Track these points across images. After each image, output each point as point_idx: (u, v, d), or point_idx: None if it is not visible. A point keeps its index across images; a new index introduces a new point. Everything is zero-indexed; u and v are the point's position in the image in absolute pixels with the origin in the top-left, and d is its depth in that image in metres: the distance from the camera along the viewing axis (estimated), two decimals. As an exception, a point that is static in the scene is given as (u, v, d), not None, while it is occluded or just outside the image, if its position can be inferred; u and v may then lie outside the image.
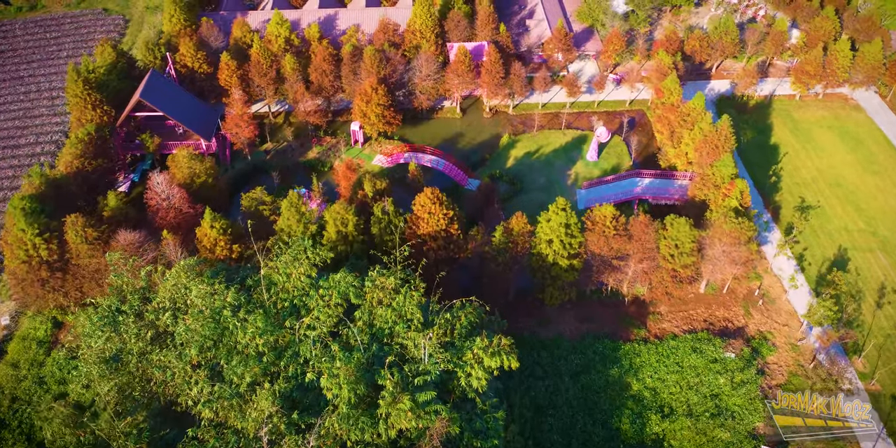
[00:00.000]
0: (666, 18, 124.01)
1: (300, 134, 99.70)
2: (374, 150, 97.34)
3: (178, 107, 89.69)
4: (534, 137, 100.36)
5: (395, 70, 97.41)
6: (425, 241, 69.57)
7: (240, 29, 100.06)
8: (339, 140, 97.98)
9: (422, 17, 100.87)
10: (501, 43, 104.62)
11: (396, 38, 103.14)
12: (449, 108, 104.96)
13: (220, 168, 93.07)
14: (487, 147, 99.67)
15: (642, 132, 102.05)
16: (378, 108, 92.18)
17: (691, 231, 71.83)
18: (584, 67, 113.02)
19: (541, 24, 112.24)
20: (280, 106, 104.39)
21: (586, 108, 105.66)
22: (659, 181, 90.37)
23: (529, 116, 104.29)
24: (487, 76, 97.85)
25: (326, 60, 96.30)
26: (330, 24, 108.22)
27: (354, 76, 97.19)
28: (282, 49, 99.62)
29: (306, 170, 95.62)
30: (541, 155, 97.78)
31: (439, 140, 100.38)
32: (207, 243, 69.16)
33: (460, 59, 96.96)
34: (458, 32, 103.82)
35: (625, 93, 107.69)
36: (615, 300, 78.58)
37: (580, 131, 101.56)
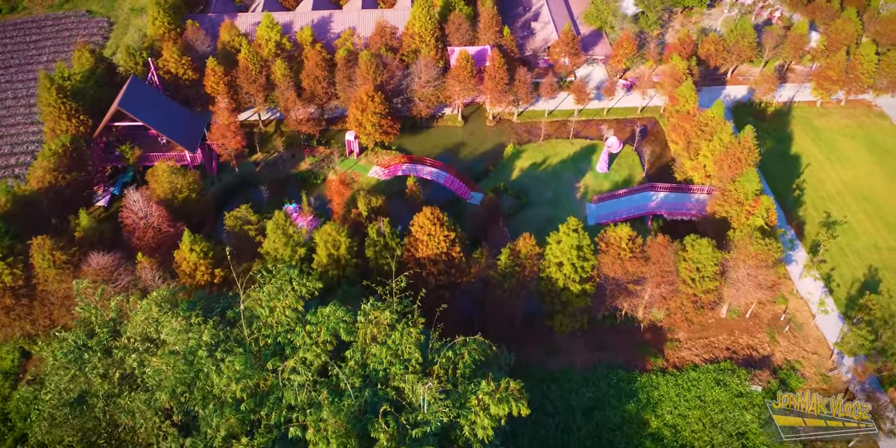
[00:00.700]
0: (677, 20, 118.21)
1: (292, 144, 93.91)
2: (370, 162, 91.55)
3: (160, 116, 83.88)
4: (540, 147, 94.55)
5: (393, 76, 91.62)
6: (424, 264, 63.75)
7: (228, 32, 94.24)
8: (333, 150, 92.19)
9: (421, 19, 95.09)
10: (505, 47, 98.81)
11: (394, 41, 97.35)
12: (450, 116, 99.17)
13: (205, 181, 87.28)
14: (491, 157, 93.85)
15: (655, 141, 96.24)
16: (374, 117, 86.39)
17: (714, 253, 65.97)
18: (592, 72, 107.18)
19: (547, 27, 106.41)
20: (271, 114, 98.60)
21: (595, 116, 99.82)
22: (675, 195, 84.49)
23: (535, 125, 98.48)
24: (491, 82, 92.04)
25: (319, 66, 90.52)
26: (324, 26, 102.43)
27: (349, 83, 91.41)
28: (272, 54, 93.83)
29: (298, 182, 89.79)
30: (547, 166, 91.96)
31: (440, 150, 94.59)
32: (186, 268, 63.33)
33: (462, 64, 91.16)
34: (460, 36, 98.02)
35: (636, 99, 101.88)
36: (630, 326, 72.74)
37: (589, 141, 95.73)
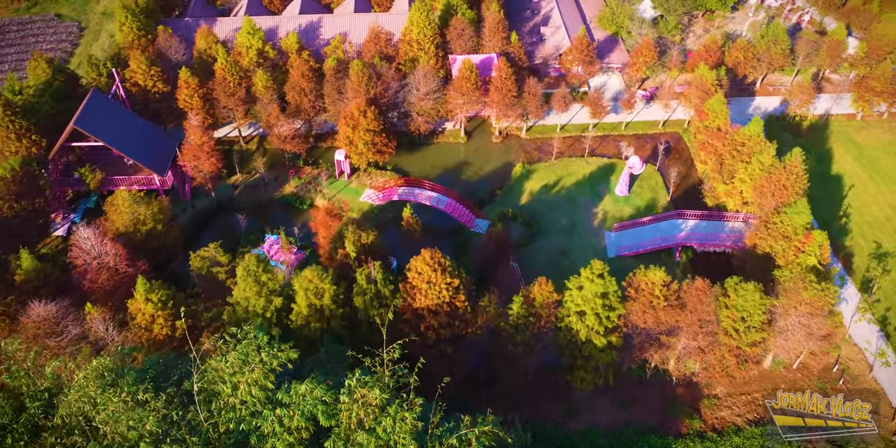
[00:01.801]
0: (698, 25, 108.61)
1: (275, 164, 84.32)
2: (362, 184, 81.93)
3: (124, 135, 74.31)
4: (552, 167, 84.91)
5: (388, 88, 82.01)
6: (423, 316, 54.13)
7: (204, 39, 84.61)
8: (322, 171, 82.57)
9: (419, 24, 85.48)
10: (513, 55, 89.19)
11: (389, 49, 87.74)
12: (451, 132, 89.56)
13: (177, 207, 77.68)
14: (497, 179, 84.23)
15: (679, 159, 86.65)
16: (367, 135, 76.79)
17: (762, 300, 56.35)
18: (608, 82, 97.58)
19: (558, 32, 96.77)
20: (253, 129, 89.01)
21: (612, 131, 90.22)
22: (706, 224, 74.85)
23: (546, 141, 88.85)
24: (497, 95, 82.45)
25: (306, 77, 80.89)
26: (312, 32, 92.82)
27: (339, 95, 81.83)
28: (254, 63, 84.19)
29: (282, 207, 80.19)
30: (561, 188, 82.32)
31: (440, 170, 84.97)
32: (142, 321, 53.70)
33: (465, 74, 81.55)
34: (462, 43, 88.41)
35: (656, 112, 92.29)
36: (660, 380, 63.10)
37: (606, 159, 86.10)
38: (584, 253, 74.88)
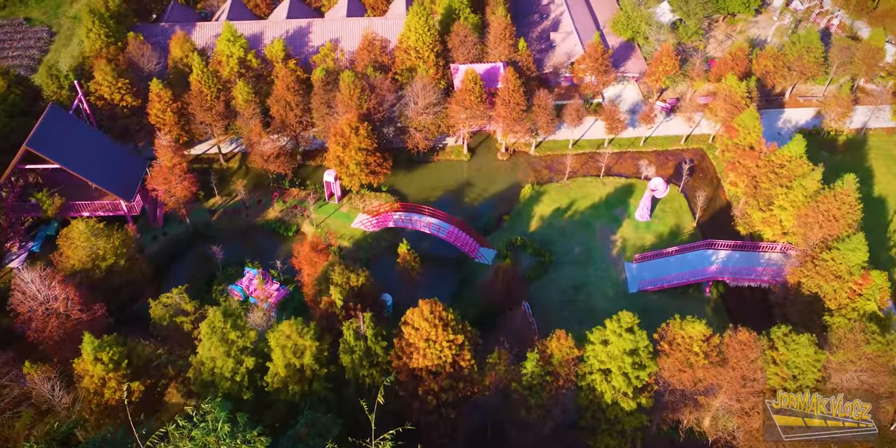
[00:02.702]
0: (719, 29, 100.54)
1: (259, 184, 76.26)
2: (354, 208, 73.85)
3: (85, 156, 66.22)
4: (564, 188, 76.80)
5: (383, 101, 73.91)
6: (422, 377, 46.04)
7: (180, 47, 76.43)
8: (309, 193, 74.50)
9: (418, 30, 77.35)
10: (521, 63, 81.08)
11: (384, 57, 79.60)
12: (453, 148, 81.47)
13: (147, 235, 69.61)
14: (504, 201, 76.14)
15: (704, 179, 78.58)
16: (359, 155, 68.70)
17: (817, 355, 48.30)
18: (623, 93, 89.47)
19: (569, 39, 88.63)
20: (234, 146, 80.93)
21: (629, 147, 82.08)
22: (740, 255, 66.82)
23: (557, 158, 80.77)
24: (504, 108, 74.36)
25: (292, 89, 72.77)
26: (300, 39, 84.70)
27: (329, 109, 73.74)
28: (234, 73, 76.04)
29: (265, 234, 72.12)
30: (575, 212, 74.23)
31: (440, 191, 76.88)
32: (90, 385, 45.57)
33: (468, 86, 73.46)
34: (465, 50, 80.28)
35: (677, 126, 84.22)
36: (695, 442, 55.03)
37: (624, 179, 78.01)
38: (602, 287, 66.97)
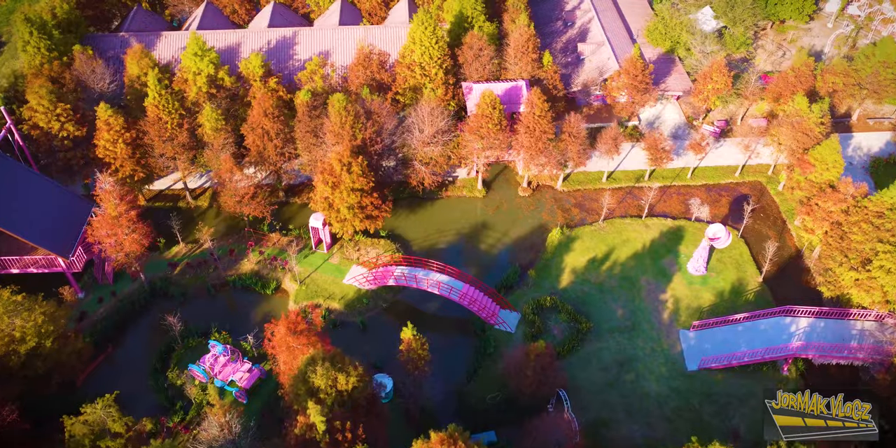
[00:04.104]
0: (767, 38, 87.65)
1: (232, 229, 63.39)
2: (347, 258, 60.91)
3: (10, 201, 53.14)
4: (600, 231, 63.84)
5: (382, 130, 60.98)
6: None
7: (137, 63, 63.40)
8: (293, 240, 61.64)
9: (423, 43, 64.43)
10: (546, 81, 68.16)
11: (383, 74, 66.62)
12: (465, 182, 68.54)
13: (94, 294, 56.68)
14: (527, 248, 63.19)
15: (765, 219, 65.63)
16: (352, 197, 55.76)
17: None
18: (663, 113, 76.56)
19: (601, 51, 75.62)
20: (204, 180, 68.04)
21: (674, 180, 69.15)
22: (825, 325, 53.84)
23: (589, 194, 67.84)
24: (528, 137, 61.48)
25: (271, 115, 59.83)
26: (283, 51, 71.79)
27: (316, 139, 60.86)
28: (203, 94, 63.11)
29: (238, 293, 59.18)
30: (614, 264, 61.25)
31: (451, 235, 63.98)
32: None
33: (486, 111, 60.54)
34: (479, 66, 67.31)
35: (729, 153, 71.32)
36: None
37: (671, 221, 65.05)
38: (654, 363, 54.08)
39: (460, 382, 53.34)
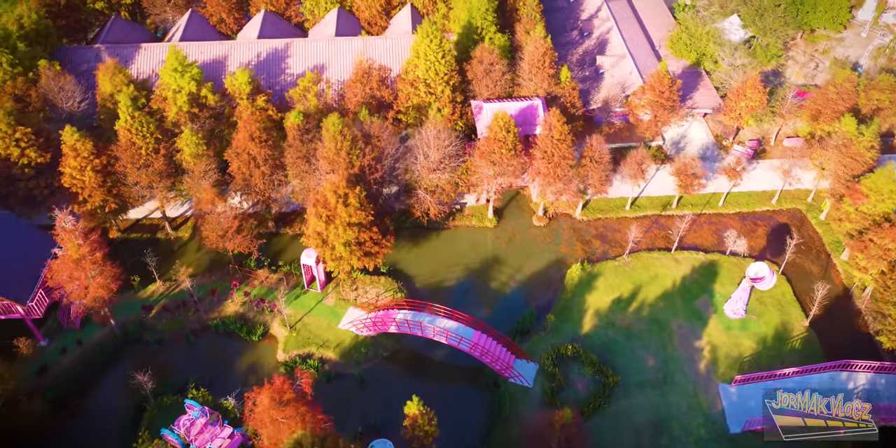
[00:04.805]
0: (796, 49, 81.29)
1: (215, 265, 56.99)
2: (343, 299, 54.47)
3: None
4: (624, 267, 57.41)
5: (382, 156, 54.57)
6: None
7: (110, 79, 56.96)
8: (283, 278, 55.26)
9: (428, 56, 58.07)
10: (564, 99, 61.79)
11: (384, 91, 60.21)
12: (474, 210, 62.13)
13: (59, 341, 50.26)
14: (544, 286, 56.75)
15: (807, 253, 59.14)
16: (349, 232, 49.30)
17: None
18: (689, 132, 70.19)
19: (622, 64, 69.28)
20: (186, 207, 61.65)
21: (704, 208, 62.78)
22: (887, 380, 47.38)
23: (611, 224, 61.45)
24: (546, 164, 55.07)
25: (258, 139, 53.41)
26: (274, 65, 65.46)
27: (308, 166, 54.45)
28: (183, 114, 56.73)
29: (220, 340, 52.69)
30: (642, 305, 54.81)
31: (458, 272, 57.52)
32: None
33: (499, 135, 54.12)
34: (490, 82, 60.90)
35: (763, 176, 64.99)
36: None
37: (703, 254, 58.62)
38: (691, 424, 47.64)
39: (472, 445, 46.99)
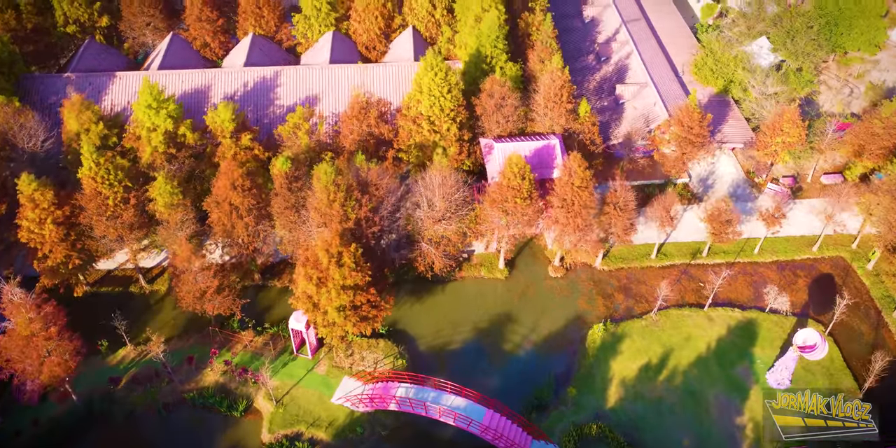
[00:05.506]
0: (828, 72, 75.23)
1: (193, 326, 50.85)
2: (336, 366, 48.33)
3: None
4: (653, 327, 51.29)
5: (381, 206, 48.45)
6: None
7: (77, 117, 50.88)
8: (269, 342, 49.16)
9: (433, 91, 52.00)
10: (582, 136, 55.73)
11: (383, 128, 54.11)
12: (484, 258, 55.99)
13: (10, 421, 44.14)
14: (562, 348, 50.66)
15: (854, 309, 52.87)
16: (344, 296, 43.19)
17: None
18: (717, 167, 64.16)
19: (644, 94, 63.29)
20: (163, 257, 55.51)
21: (738, 256, 56.67)
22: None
23: (636, 274, 55.37)
24: (566, 213, 48.96)
25: (240, 187, 47.29)
26: (262, 95, 59.46)
27: (298, 216, 48.35)
28: (159, 155, 50.67)
29: (197, 415, 46.53)
30: (674, 372, 48.67)
31: (466, 332, 51.41)
32: None
33: (513, 182, 48.00)
34: (502, 118, 54.82)
35: (802, 218, 58.91)
36: None
37: (740, 311, 52.50)
38: (734, 518, 41.51)
39: None
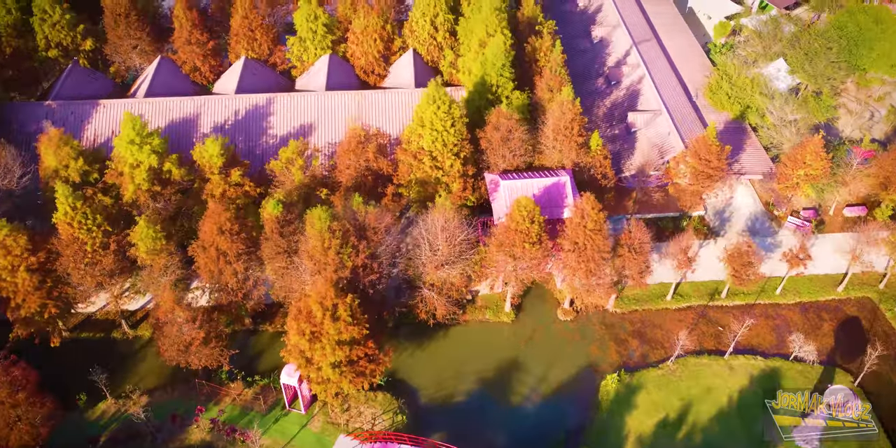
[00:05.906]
0: (847, 94, 71.99)
1: (177, 377, 47.55)
2: (331, 422, 45.05)
3: None
4: (670, 376, 48.00)
5: (379, 252, 45.14)
6: None
7: (55, 152, 47.63)
8: (260, 395, 45.85)
9: (435, 125, 48.73)
10: (594, 170, 52.46)
11: (382, 162, 50.83)
12: (489, 300, 52.69)
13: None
14: (574, 400, 47.39)
15: (886, 361, 49.36)
16: (339, 351, 39.92)
17: None
18: (734, 199, 60.86)
19: (657, 122, 60.09)
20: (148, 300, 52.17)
21: (759, 297, 53.36)
22: None
23: (651, 318, 52.10)
24: (577, 258, 45.66)
25: (228, 232, 44.00)
26: (254, 124, 56.23)
27: (290, 262, 45.06)
28: (143, 193, 47.43)
29: (182, 474, 43.33)
30: (693, 428, 45.37)
31: (470, 381, 48.16)
32: None
33: (521, 226, 44.67)
34: (508, 151, 51.54)
35: (824, 255, 55.51)
36: None
37: (763, 360, 49.21)
38: None
39: None
